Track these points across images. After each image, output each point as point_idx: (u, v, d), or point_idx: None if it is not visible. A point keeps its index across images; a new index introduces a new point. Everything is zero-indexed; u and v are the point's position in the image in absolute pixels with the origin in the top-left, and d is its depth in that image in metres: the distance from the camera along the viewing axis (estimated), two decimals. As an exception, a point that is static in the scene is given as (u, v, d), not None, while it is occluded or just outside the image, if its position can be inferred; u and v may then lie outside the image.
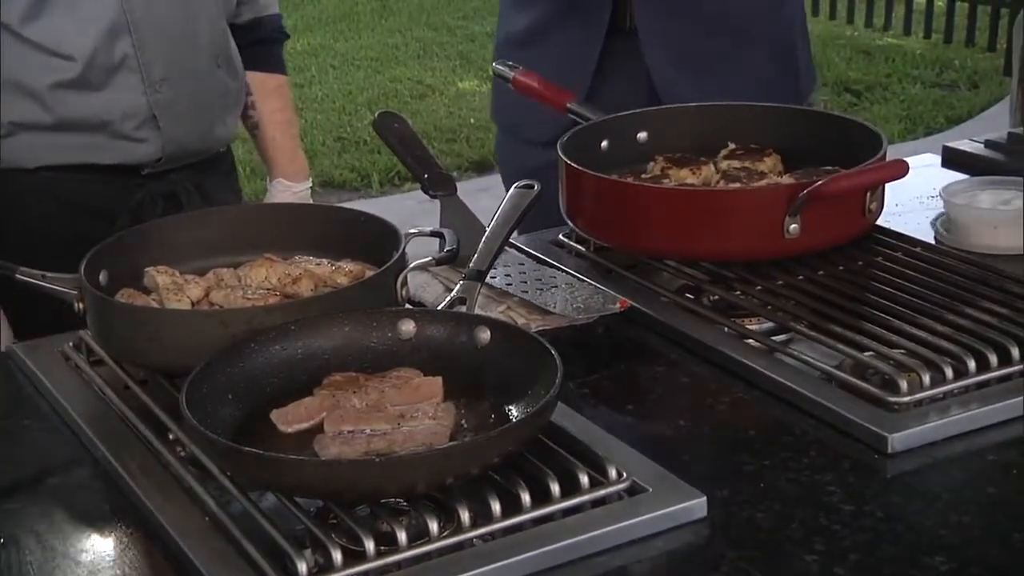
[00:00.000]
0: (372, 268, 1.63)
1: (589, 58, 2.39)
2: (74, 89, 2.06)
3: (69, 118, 2.08)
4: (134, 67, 2.09)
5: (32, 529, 1.34)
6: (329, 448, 1.32)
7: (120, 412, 1.50)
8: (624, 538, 1.26)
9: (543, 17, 2.45)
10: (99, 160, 2.12)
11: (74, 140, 2.10)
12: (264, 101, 2.42)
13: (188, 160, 2.21)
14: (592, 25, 2.38)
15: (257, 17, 2.40)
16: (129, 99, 2.10)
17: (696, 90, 2.26)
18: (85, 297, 1.55)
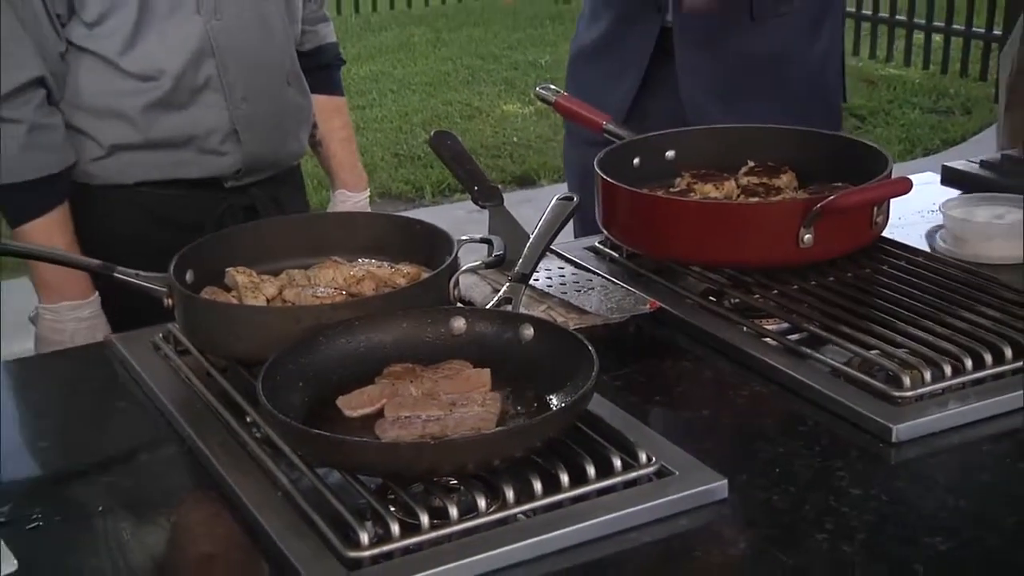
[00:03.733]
0: (427, 270, 1.62)
1: (633, 79, 2.39)
2: (164, 109, 2.06)
3: (159, 136, 2.08)
4: (217, 87, 2.09)
5: (126, 500, 1.35)
6: (389, 431, 1.31)
7: (203, 397, 1.50)
8: (653, 516, 1.26)
9: (602, 38, 2.46)
10: (186, 175, 2.12)
11: (164, 157, 2.10)
12: (326, 120, 2.42)
13: (264, 173, 2.21)
14: (640, 48, 2.38)
15: (318, 45, 2.41)
16: (213, 116, 2.11)
17: (722, 113, 2.25)
18: (174, 294, 1.56)
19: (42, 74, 1.99)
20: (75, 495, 1.37)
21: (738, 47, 2.35)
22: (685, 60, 2.35)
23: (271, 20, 2.16)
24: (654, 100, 2.39)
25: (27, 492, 1.37)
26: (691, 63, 2.35)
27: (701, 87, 2.36)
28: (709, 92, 2.36)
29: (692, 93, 2.36)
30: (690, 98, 2.35)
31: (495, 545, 1.20)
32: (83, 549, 1.25)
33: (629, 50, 2.41)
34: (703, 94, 2.35)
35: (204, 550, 1.28)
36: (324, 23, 2.42)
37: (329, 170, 2.49)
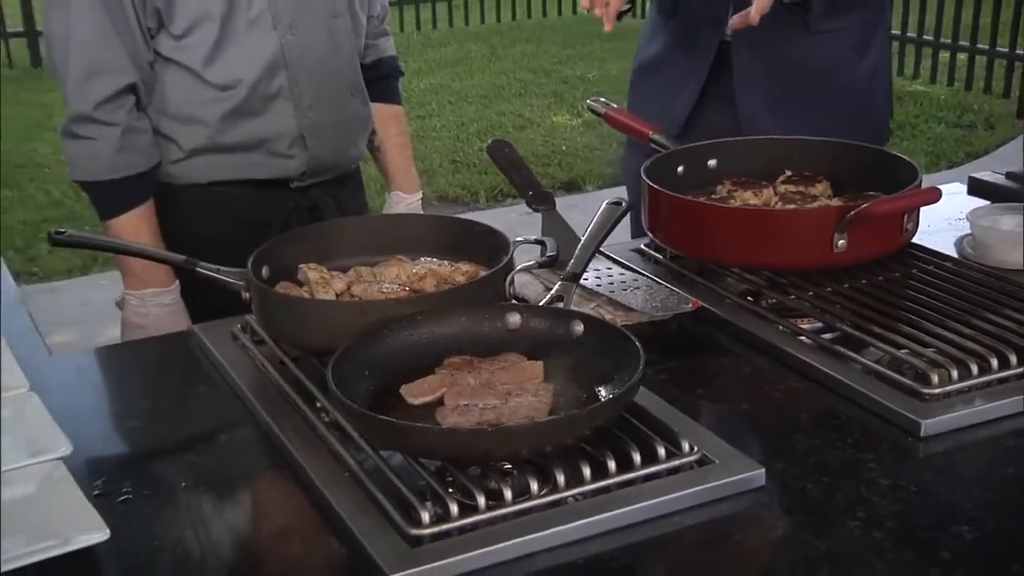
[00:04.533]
0: (485, 269, 1.62)
1: (692, 91, 2.38)
2: (239, 116, 2.08)
3: (233, 141, 2.10)
4: (287, 96, 2.11)
5: (206, 477, 1.36)
6: (448, 418, 1.32)
7: (277, 383, 1.51)
8: (694, 501, 1.25)
9: (662, 53, 2.45)
10: (256, 175, 2.14)
11: (236, 159, 2.12)
12: (384, 127, 2.43)
13: (327, 175, 2.23)
14: (699, 62, 2.37)
15: (379, 58, 2.42)
16: (282, 122, 2.12)
17: (775, 124, 2.23)
18: (251, 288, 1.57)
19: (134, 81, 2.02)
20: (161, 471, 1.38)
21: (793, 61, 2.33)
22: (743, 73, 2.34)
23: (339, 36, 2.18)
24: (711, 112, 2.38)
25: (118, 468, 1.39)
26: (748, 76, 2.33)
27: (757, 99, 2.34)
28: (765, 104, 2.33)
29: (749, 105, 2.34)
30: (747, 110, 2.34)
31: (546, 526, 1.19)
32: (168, 521, 1.26)
33: (688, 64, 2.39)
34: (759, 106, 2.33)
35: (277, 525, 1.29)
36: (385, 37, 2.43)
37: (385, 173, 2.50)
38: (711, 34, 2.35)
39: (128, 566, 1.18)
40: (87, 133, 2.01)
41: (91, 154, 2.02)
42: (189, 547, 1.21)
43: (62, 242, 1.64)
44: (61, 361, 1.74)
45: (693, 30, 2.38)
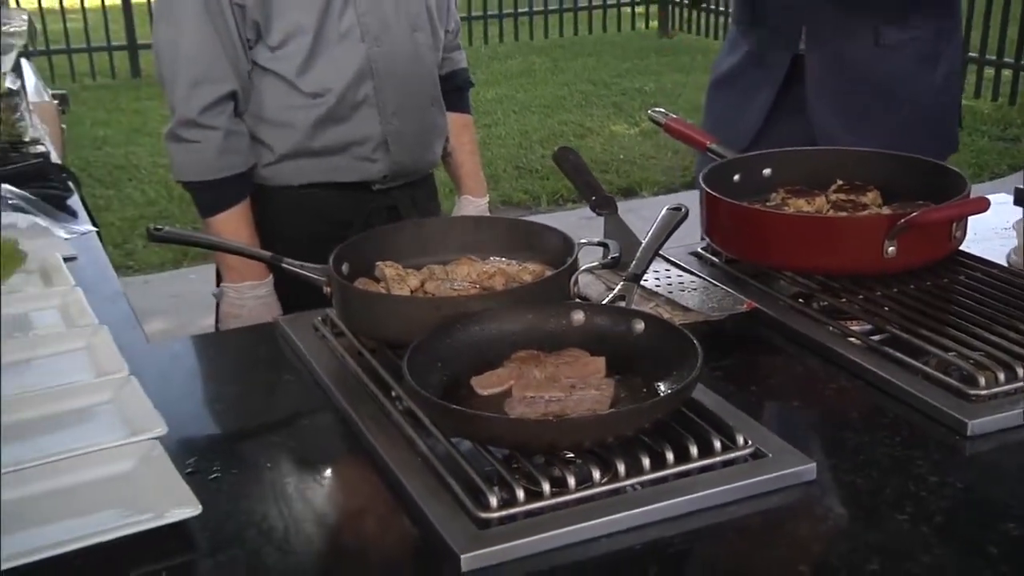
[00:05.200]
0: (550, 269, 1.62)
1: (764, 102, 2.35)
2: (327, 122, 2.09)
3: (322, 145, 2.11)
4: (373, 104, 2.12)
5: (289, 458, 1.37)
6: (516, 409, 1.31)
7: (355, 373, 1.52)
8: (748, 493, 1.24)
9: (738, 66, 2.43)
10: (342, 178, 2.15)
11: (324, 163, 2.13)
12: (456, 134, 2.44)
13: (406, 179, 2.24)
14: (772, 74, 2.35)
15: (453, 70, 2.42)
16: (368, 128, 2.13)
17: (848, 136, 2.20)
18: (332, 283, 1.58)
19: (235, 89, 2.04)
20: (248, 452, 1.39)
21: (864, 73, 2.29)
22: (816, 86, 2.31)
23: (420, 49, 2.19)
24: (782, 123, 2.35)
25: (209, 448, 1.40)
26: (822, 89, 2.30)
27: (830, 111, 2.31)
28: (837, 115, 2.30)
29: (822, 116, 2.31)
30: (820, 121, 2.31)
31: (607, 512, 1.19)
32: (254, 498, 1.27)
33: (762, 77, 2.37)
34: (832, 117, 2.30)
35: (354, 505, 1.29)
36: (458, 51, 2.44)
37: (456, 178, 2.50)
38: (785, 48, 2.32)
39: (217, 540, 1.18)
40: (192, 137, 2.03)
41: (195, 156, 2.05)
42: (273, 523, 1.21)
43: (160, 238, 1.66)
44: (157, 348, 1.76)
45: (767, 44, 2.35)
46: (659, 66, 9.47)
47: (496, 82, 8.95)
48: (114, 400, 1.44)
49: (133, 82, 9.19)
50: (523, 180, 6.57)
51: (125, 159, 6.93)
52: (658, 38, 10.89)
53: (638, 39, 10.78)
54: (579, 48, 10.34)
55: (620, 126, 7.73)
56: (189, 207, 5.90)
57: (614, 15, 11.17)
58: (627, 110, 8.09)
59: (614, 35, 10.98)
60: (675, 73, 9.08)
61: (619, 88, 8.77)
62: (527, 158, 6.97)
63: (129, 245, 5.53)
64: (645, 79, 9.02)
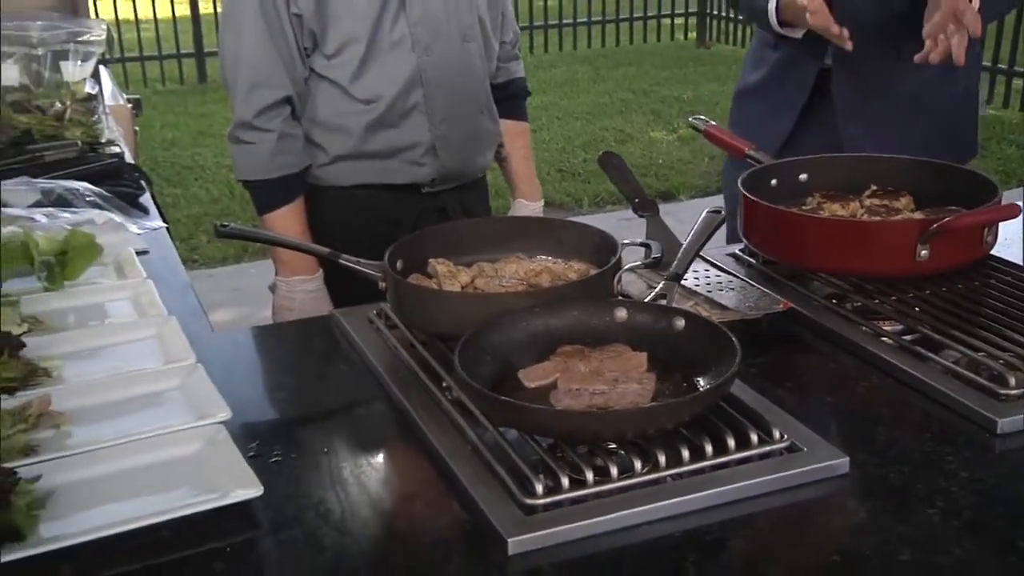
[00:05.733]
0: (595, 267, 1.61)
1: (793, 111, 2.33)
2: (379, 127, 2.10)
3: (373, 149, 2.12)
4: (422, 110, 2.12)
5: (345, 444, 1.37)
6: (561, 401, 1.31)
7: (408, 364, 1.52)
8: (783, 485, 1.23)
9: (767, 76, 2.41)
10: (392, 180, 2.16)
11: (375, 165, 2.14)
12: (511, 141, 2.43)
13: (454, 182, 2.24)
14: (799, 87, 2.33)
15: (510, 79, 2.41)
16: (417, 134, 2.13)
17: (874, 145, 2.17)
18: (387, 279, 1.58)
19: (290, 94, 2.05)
20: (306, 438, 1.40)
21: (888, 86, 2.27)
22: (842, 98, 2.29)
23: (472, 59, 2.18)
24: (808, 134, 2.33)
25: (270, 433, 1.40)
26: (848, 101, 2.28)
27: (855, 121, 2.28)
28: (862, 126, 2.28)
29: (848, 128, 2.28)
30: (846, 131, 2.28)
31: (647, 501, 1.18)
32: (312, 481, 1.27)
33: (789, 89, 2.35)
34: (857, 127, 2.28)
35: (406, 490, 1.29)
36: (515, 61, 2.43)
37: (511, 182, 2.49)
38: (811, 63, 2.30)
39: (278, 520, 1.19)
40: (248, 138, 2.05)
41: (251, 157, 2.06)
42: (331, 506, 1.22)
43: (225, 234, 1.67)
44: (221, 337, 1.78)
45: (793, 60, 2.34)
46: (696, 75, 9.41)
47: (541, 90, 8.92)
48: (182, 386, 1.45)
49: (200, 87, 9.27)
50: (566, 183, 6.55)
51: (191, 160, 7.00)
52: (696, 48, 10.82)
53: (676, 49, 10.72)
54: (620, 58, 10.30)
55: (659, 132, 7.69)
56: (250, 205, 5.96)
57: (654, 26, 11.11)
58: (665, 117, 8.05)
59: (653, 45, 10.92)
60: (712, 82, 9.02)
61: (658, 96, 8.72)
62: (570, 162, 6.96)
63: (194, 240, 5.58)
64: (683, 87, 8.96)
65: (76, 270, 1.85)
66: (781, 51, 2.36)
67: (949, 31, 1.96)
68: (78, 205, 2.22)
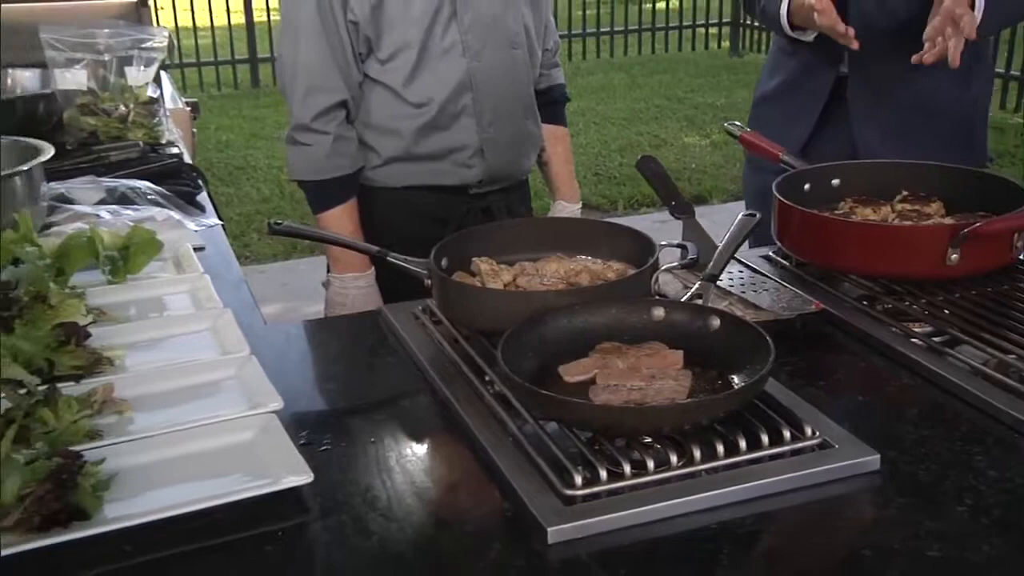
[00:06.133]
0: (633, 268, 1.60)
1: (810, 116, 2.31)
2: (429, 130, 2.10)
3: (424, 151, 2.12)
4: (471, 114, 2.12)
5: (391, 434, 1.37)
6: (600, 396, 1.30)
7: (451, 358, 1.52)
8: (815, 480, 1.21)
9: (785, 83, 2.39)
10: (441, 182, 2.16)
11: (425, 167, 2.14)
12: (552, 145, 2.43)
13: (500, 184, 2.23)
14: (816, 94, 2.31)
15: (551, 85, 2.41)
16: (466, 137, 2.13)
17: (889, 151, 2.15)
18: (432, 276, 1.58)
19: (346, 98, 2.06)
20: (354, 427, 1.40)
21: (901, 92, 2.24)
22: (857, 105, 2.26)
23: (518, 65, 2.18)
24: (824, 140, 2.31)
25: (319, 422, 1.41)
26: (863, 108, 2.26)
27: (871, 128, 2.26)
28: (877, 133, 2.26)
29: (863, 134, 2.26)
30: (862, 138, 2.26)
31: (683, 494, 1.17)
32: (359, 469, 1.27)
33: (806, 96, 2.33)
34: (872, 134, 2.26)
35: (449, 479, 1.29)
36: (556, 68, 2.43)
37: (551, 185, 2.49)
38: (827, 70, 2.28)
39: (327, 505, 1.19)
40: (305, 140, 2.06)
41: (307, 158, 2.07)
42: (377, 492, 1.22)
43: (278, 231, 1.67)
44: (273, 330, 1.78)
45: (810, 67, 2.31)
46: (729, 83, 9.35)
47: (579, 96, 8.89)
48: (236, 376, 1.46)
49: (253, 92, 9.35)
50: (602, 186, 6.54)
51: (244, 160, 7.05)
52: (729, 57, 10.75)
53: (710, 58, 10.66)
54: (655, 65, 10.26)
55: (692, 138, 7.65)
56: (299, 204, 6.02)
57: (688, 35, 11.05)
58: (699, 123, 8.01)
59: (688, 54, 10.87)
60: (744, 89, 8.94)
61: (692, 103, 8.68)
62: (606, 165, 6.94)
63: (246, 237, 5.62)
64: (716, 95, 8.91)
65: (138, 264, 1.86)
66: (798, 58, 2.34)
67: (947, 33, 1.95)
68: (140, 203, 2.24)
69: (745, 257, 1.87)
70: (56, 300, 1.61)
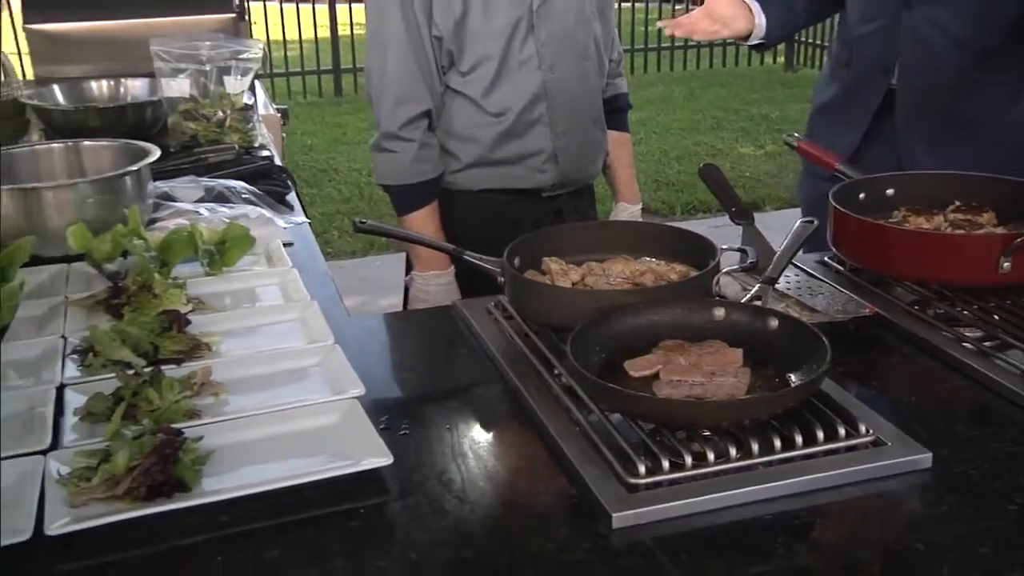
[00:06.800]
0: (695, 270, 1.58)
1: (860, 127, 2.27)
2: (506, 137, 2.11)
3: (501, 157, 2.12)
4: (546, 122, 2.12)
5: (465, 421, 1.37)
6: (663, 390, 1.29)
7: (522, 351, 1.52)
8: (868, 476, 1.19)
9: (837, 95, 2.35)
10: (516, 185, 2.16)
11: (502, 172, 2.14)
12: (616, 150, 2.42)
13: (571, 187, 2.23)
14: (866, 105, 2.26)
15: (615, 94, 2.41)
16: (540, 143, 2.14)
17: (933, 163, 2.10)
18: (505, 274, 1.58)
19: (430, 108, 2.07)
20: (430, 414, 1.40)
21: (949, 107, 2.19)
22: (904, 117, 2.21)
23: (588, 75, 2.18)
24: (874, 148, 2.26)
25: (398, 408, 1.41)
26: (910, 119, 2.21)
27: (916, 139, 2.21)
28: (923, 144, 2.20)
29: (909, 144, 2.21)
30: (907, 148, 2.21)
31: (740, 485, 1.16)
32: (435, 453, 1.28)
33: (857, 107, 2.28)
34: (918, 145, 2.21)
35: (519, 464, 1.28)
36: (620, 77, 2.42)
37: (614, 187, 2.48)
38: (878, 83, 2.23)
39: (405, 487, 1.20)
40: (392, 147, 2.07)
41: (393, 164, 2.09)
42: (452, 475, 1.22)
43: (363, 229, 1.69)
44: (355, 322, 1.80)
45: (862, 80, 2.27)
46: (783, 96, 9.22)
47: (640, 107, 8.84)
48: (322, 364, 1.47)
49: (335, 100, 9.45)
50: (661, 192, 6.49)
51: (326, 163, 7.13)
52: (783, 72, 10.60)
53: (765, 73, 10.52)
54: (713, 79, 10.15)
55: (747, 148, 7.56)
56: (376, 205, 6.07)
57: (745, 51, 10.91)
58: (753, 134, 7.91)
59: (744, 68, 10.74)
60: (797, 103, 8.82)
61: (747, 115, 8.57)
62: (665, 173, 6.89)
63: (327, 235, 5.68)
64: (770, 107, 8.79)
65: (233, 258, 1.89)
66: (852, 71, 2.30)
67: None
68: (235, 201, 2.27)
69: (801, 262, 1.84)
70: (160, 289, 1.65)
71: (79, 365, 1.46)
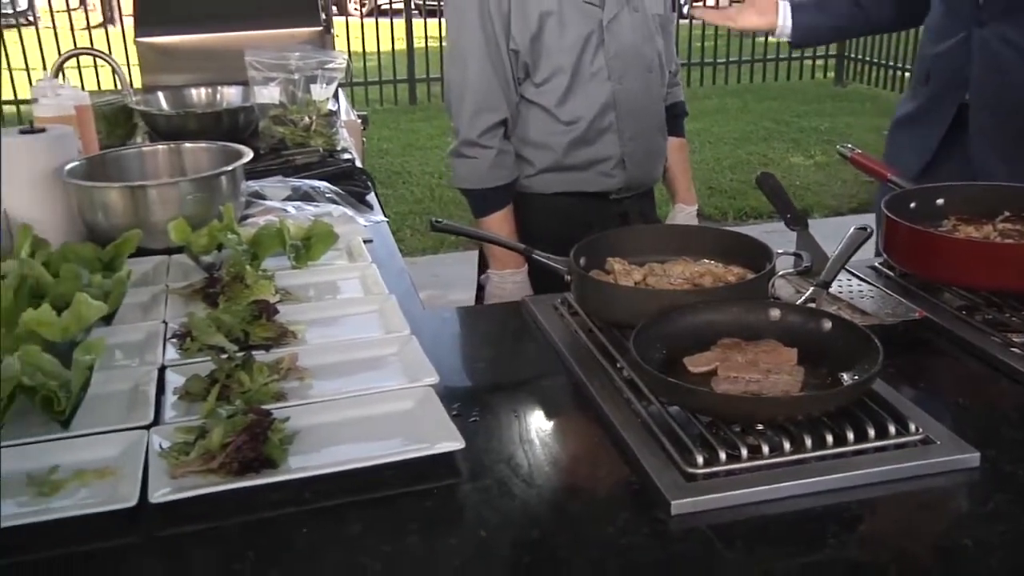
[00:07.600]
0: (751, 272, 1.56)
1: (934, 141, 2.22)
2: (578, 144, 2.10)
3: (572, 163, 2.12)
4: (614, 129, 2.12)
5: (532, 410, 1.37)
6: (721, 386, 1.27)
7: (586, 346, 1.51)
8: (917, 473, 1.16)
9: (915, 110, 2.30)
10: (586, 189, 2.15)
11: (573, 176, 2.14)
12: (673, 154, 2.40)
13: (635, 191, 2.22)
14: (941, 120, 2.21)
15: (673, 102, 2.39)
16: (609, 149, 2.13)
17: (1007, 176, 2.04)
18: (571, 273, 1.57)
19: (506, 116, 2.08)
20: (499, 402, 1.40)
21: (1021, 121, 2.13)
22: (978, 131, 2.16)
23: (653, 87, 2.17)
24: (947, 161, 2.21)
25: (469, 396, 1.42)
26: (983, 134, 2.15)
27: (989, 153, 2.15)
28: (996, 157, 2.14)
29: (982, 158, 2.16)
30: (980, 162, 2.16)
31: (793, 477, 1.14)
32: (504, 439, 1.28)
33: (931, 121, 2.24)
34: (991, 158, 2.15)
35: (583, 452, 1.28)
36: (677, 87, 2.41)
37: (671, 189, 2.46)
38: (953, 98, 2.18)
39: (475, 470, 1.20)
40: (471, 154, 2.08)
41: (472, 169, 2.09)
42: (519, 461, 1.22)
43: (440, 228, 1.69)
44: (430, 315, 1.80)
45: (937, 95, 2.22)
46: (833, 110, 9.05)
47: (695, 118, 8.73)
48: (398, 353, 1.48)
49: (410, 108, 9.52)
50: (714, 198, 6.42)
51: (400, 167, 7.19)
52: (833, 86, 10.40)
53: (816, 87, 10.33)
54: (765, 92, 10.00)
55: (797, 158, 7.44)
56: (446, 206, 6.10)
57: (797, 66, 10.74)
58: (804, 145, 7.78)
59: (795, 83, 10.56)
60: (847, 116, 8.66)
61: (797, 126, 8.43)
62: (718, 180, 6.81)
63: (401, 233, 5.72)
64: (820, 120, 8.63)
65: (317, 253, 1.91)
66: (929, 87, 2.25)
67: None
68: (319, 200, 2.30)
69: (853, 267, 1.80)
70: (251, 280, 1.67)
71: (178, 348, 1.49)
